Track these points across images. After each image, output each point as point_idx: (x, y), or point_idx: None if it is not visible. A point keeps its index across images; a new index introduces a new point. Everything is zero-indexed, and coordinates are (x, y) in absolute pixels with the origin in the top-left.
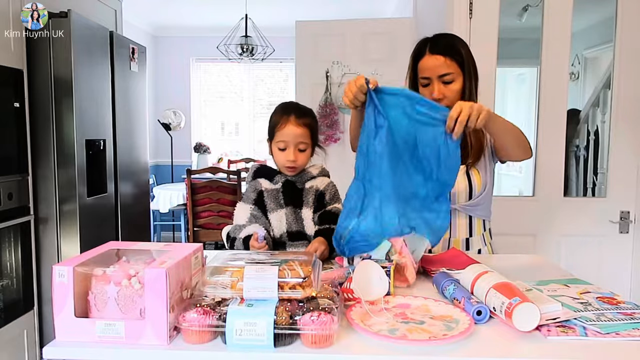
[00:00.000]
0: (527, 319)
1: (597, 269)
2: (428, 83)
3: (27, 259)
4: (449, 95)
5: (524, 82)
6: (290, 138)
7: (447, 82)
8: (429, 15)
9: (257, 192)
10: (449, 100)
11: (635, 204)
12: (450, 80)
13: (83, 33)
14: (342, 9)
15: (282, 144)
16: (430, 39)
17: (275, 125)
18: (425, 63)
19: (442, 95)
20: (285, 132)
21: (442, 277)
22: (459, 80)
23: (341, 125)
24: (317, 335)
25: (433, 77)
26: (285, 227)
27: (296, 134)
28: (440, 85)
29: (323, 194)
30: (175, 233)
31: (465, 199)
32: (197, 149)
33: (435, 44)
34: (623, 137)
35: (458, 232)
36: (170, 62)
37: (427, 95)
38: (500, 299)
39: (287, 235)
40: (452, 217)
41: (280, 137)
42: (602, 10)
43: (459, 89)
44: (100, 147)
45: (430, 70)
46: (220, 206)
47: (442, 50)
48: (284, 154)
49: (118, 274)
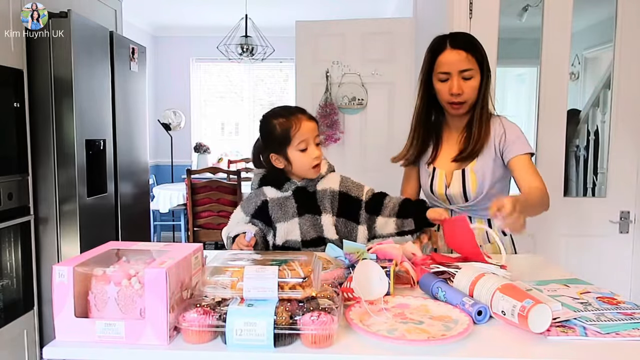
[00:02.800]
0: (542, 320)
1: (597, 269)
2: (447, 78)
3: (27, 259)
4: (467, 92)
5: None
6: (310, 134)
7: (466, 78)
8: (429, 15)
9: (260, 203)
10: (466, 96)
11: (635, 204)
12: (470, 76)
13: (83, 33)
14: (342, 9)
15: (304, 144)
16: (449, 35)
17: (288, 129)
18: (447, 57)
19: (461, 91)
20: (304, 131)
21: (429, 280)
22: (477, 77)
23: (341, 125)
24: (317, 335)
25: (453, 72)
26: (298, 236)
27: (312, 128)
28: (460, 80)
29: (345, 193)
30: (175, 233)
31: (462, 201)
32: (197, 149)
33: (455, 39)
34: (623, 137)
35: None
36: (170, 62)
37: (445, 91)
38: (510, 302)
39: (302, 243)
40: (452, 215)
41: (300, 137)
42: (602, 10)
43: (476, 87)
44: (100, 147)
45: (451, 65)
46: (220, 206)
47: (463, 45)
48: (308, 154)
49: (118, 274)
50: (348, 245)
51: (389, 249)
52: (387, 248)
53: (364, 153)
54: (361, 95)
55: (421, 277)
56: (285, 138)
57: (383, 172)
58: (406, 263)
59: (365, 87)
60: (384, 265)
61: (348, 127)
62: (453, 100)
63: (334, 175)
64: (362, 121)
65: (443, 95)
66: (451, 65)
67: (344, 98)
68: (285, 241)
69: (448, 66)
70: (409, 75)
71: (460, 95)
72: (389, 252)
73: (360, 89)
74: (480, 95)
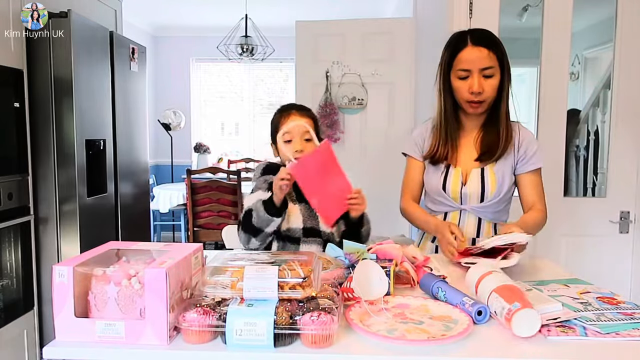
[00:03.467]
0: (527, 324)
1: (597, 269)
2: (467, 76)
3: (27, 259)
4: (487, 90)
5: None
6: (295, 129)
7: (487, 76)
8: (429, 15)
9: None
10: (486, 95)
11: (635, 204)
12: (491, 74)
13: (83, 33)
14: (342, 9)
15: (288, 136)
16: (469, 31)
17: (278, 121)
18: (468, 54)
19: (482, 89)
20: (290, 124)
21: (430, 280)
22: (497, 76)
23: (341, 125)
24: (317, 335)
25: (474, 70)
26: (300, 222)
27: (300, 123)
28: (481, 78)
29: None
30: (175, 233)
31: (477, 201)
32: (197, 149)
33: (476, 35)
34: (623, 137)
35: (465, 230)
36: (170, 62)
37: (464, 89)
38: (500, 304)
39: (302, 231)
40: (461, 216)
41: (285, 129)
42: (602, 10)
43: (496, 85)
44: (100, 147)
45: (473, 62)
46: (220, 206)
47: (485, 42)
48: (291, 146)
49: (118, 274)
50: (348, 245)
51: (389, 249)
52: (387, 248)
53: (364, 153)
54: (361, 95)
55: (421, 277)
56: (275, 128)
57: (383, 172)
58: (406, 263)
59: (365, 87)
60: (384, 265)
61: (348, 127)
62: (472, 99)
63: None
64: (362, 121)
65: (462, 93)
66: (472, 63)
67: (344, 98)
68: (287, 229)
69: (469, 63)
70: (409, 75)
71: (480, 94)
72: (389, 252)
73: (360, 89)
74: (501, 96)
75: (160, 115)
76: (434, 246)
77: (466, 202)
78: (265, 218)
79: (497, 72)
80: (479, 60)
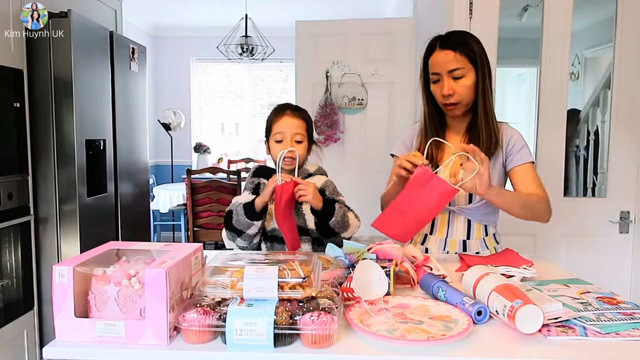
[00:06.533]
0: (530, 321)
1: (597, 269)
2: (438, 79)
3: (27, 259)
4: (460, 92)
5: (524, 82)
6: (286, 129)
7: (457, 77)
8: (429, 15)
9: (256, 185)
10: (459, 97)
11: (635, 204)
12: (460, 75)
13: (83, 33)
14: (342, 9)
15: (279, 136)
16: (442, 36)
17: (271, 121)
18: (435, 58)
19: (452, 91)
20: (282, 124)
21: (430, 280)
22: (470, 75)
23: (341, 125)
24: (317, 335)
25: (442, 73)
26: None
27: (292, 124)
28: (450, 80)
29: (323, 190)
30: (175, 233)
31: (465, 202)
32: (197, 149)
33: (446, 39)
34: (623, 137)
35: (455, 233)
36: (170, 62)
37: (438, 93)
38: (502, 302)
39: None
40: (450, 217)
41: (276, 129)
42: (602, 10)
43: (470, 85)
44: (100, 147)
45: (440, 66)
46: (220, 206)
47: (452, 45)
48: (282, 146)
49: (118, 274)
50: (348, 245)
51: (389, 249)
52: (387, 248)
53: (364, 153)
54: (361, 95)
55: (421, 277)
56: (268, 127)
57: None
58: (406, 263)
59: (365, 87)
60: (384, 265)
61: (348, 127)
62: (445, 102)
63: (322, 177)
64: (362, 121)
65: (437, 96)
66: (439, 66)
67: (344, 98)
68: (272, 229)
69: (437, 67)
70: (409, 75)
71: (451, 96)
72: (389, 252)
73: (360, 89)
74: (477, 94)
75: (160, 115)
76: (423, 248)
77: (454, 203)
78: (244, 221)
79: (469, 72)
80: (445, 63)
